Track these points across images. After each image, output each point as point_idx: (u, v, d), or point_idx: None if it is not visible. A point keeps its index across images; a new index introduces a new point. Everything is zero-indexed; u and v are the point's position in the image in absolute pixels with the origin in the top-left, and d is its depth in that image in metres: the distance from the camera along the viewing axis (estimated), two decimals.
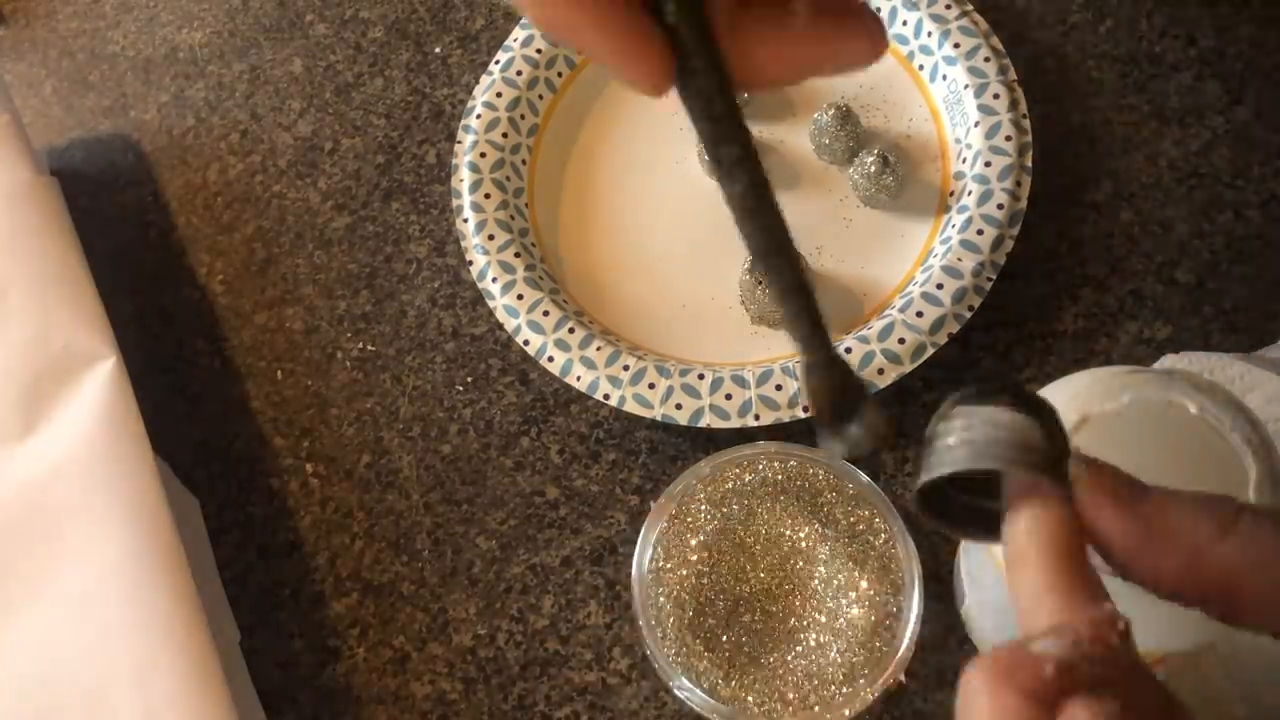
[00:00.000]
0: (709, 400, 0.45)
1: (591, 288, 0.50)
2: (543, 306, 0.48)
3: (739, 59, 0.21)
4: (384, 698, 0.45)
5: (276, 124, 0.58)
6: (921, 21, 0.52)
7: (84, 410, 0.45)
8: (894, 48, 0.53)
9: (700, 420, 0.45)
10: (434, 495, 0.48)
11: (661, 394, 0.45)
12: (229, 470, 0.50)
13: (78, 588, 0.43)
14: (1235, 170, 0.50)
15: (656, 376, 0.46)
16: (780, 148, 0.52)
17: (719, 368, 0.46)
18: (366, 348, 0.52)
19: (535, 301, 0.48)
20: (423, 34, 0.59)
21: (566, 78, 0.54)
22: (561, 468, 0.48)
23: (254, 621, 0.47)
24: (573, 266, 0.51)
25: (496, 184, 0.51)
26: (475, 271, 0.49)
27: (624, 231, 0.52)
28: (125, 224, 0.57)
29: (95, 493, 0.44)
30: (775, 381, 0.45)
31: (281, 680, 0.46)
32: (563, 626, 0.45)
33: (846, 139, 0.50)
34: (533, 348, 0.47)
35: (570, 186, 0.53)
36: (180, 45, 0.62)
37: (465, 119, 0.53)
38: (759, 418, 0.44)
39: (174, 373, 0.53)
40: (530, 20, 0.21)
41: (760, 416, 0.44)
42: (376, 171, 0.56)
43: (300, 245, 0.55)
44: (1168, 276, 0.48)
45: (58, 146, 0.60)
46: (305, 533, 0.48)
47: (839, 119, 0.50)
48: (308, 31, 0.61)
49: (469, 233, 0.50)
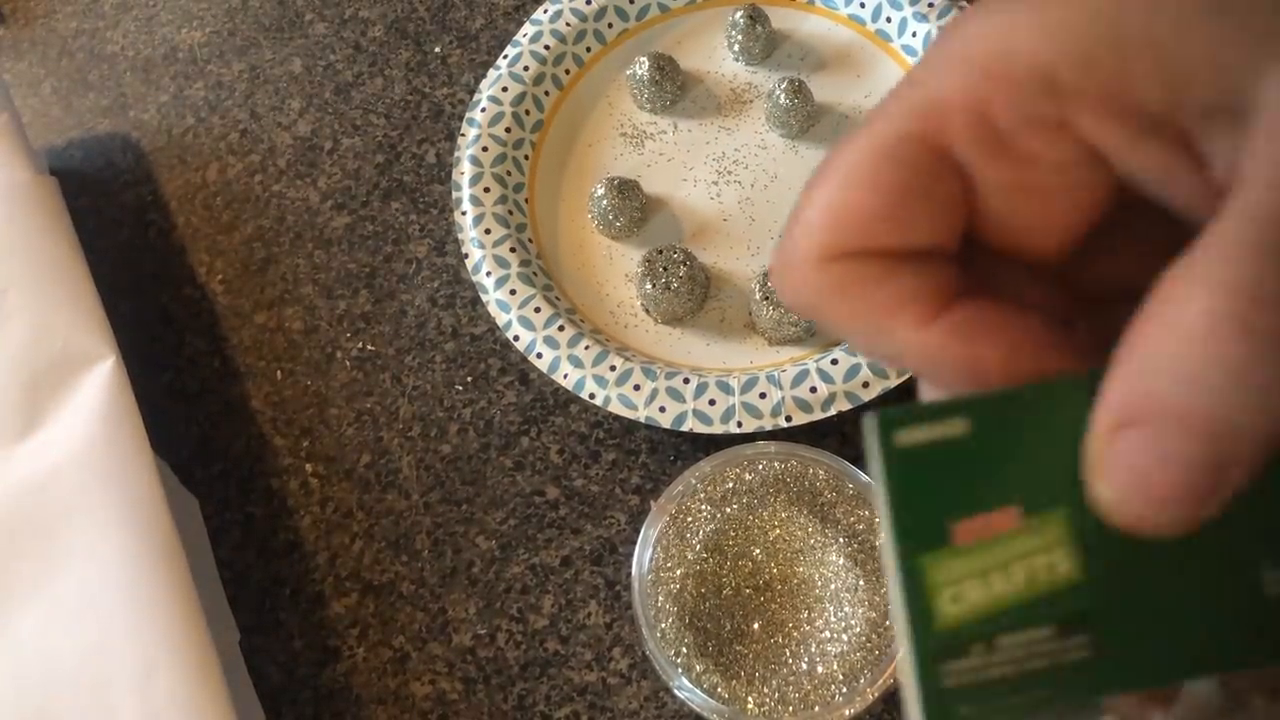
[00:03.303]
0: (692, 405, 0.45)
1: (586, 286, 0.50)
2: (534, 303, 0.48)
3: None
4: (384, 698, 0.45)
5: (276, 123, 0.58)
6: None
7: (83, 410, 0.45)
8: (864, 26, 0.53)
9: (684, 424, 0.45)
10: (434, 495, 0.48)
11: (646, 396, 0.45)
12: (228, 470, 0.50)
13: (77, 588, 0.43)
14: None
15: (642, 378, 0.45)
16: (736, 130, 0.53)
17: (705, 373, 0.46)
18: (366, 347, 0.52)
19: (527, 297, 0.48)
20: (422, 33, 0.59)
21: (574, 75, 0.54)
22: (561, 467, 0.48)
23: (253, 621, 0.47)
24: (569, 265, 0.51)
25: (497, 178, 0.51)
26: (470, 265, 0.49)
27: None
28: (125, 224, 0.57)
29: (94, 493, 0.44)
30: (760, 390, 0.45)
31: (281, 680, 0.46)
32: (563, 626, 0.45)
33: (801, 111, 0.52)
34: (522, 343, 0.47)
35: (571, 185, 0.53)
36: (180, 45, 0.62)
37: (470, 112, 0.53)
38: (741, 424, 0.44)
39: (173, 372, 0.53)
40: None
41: (743, 424, 0.44)
42: (376, 171, 0.56)
43: (300, 245, 0.55)
44: None
45: (57, 146, 0.60)
46: (305, 532, 0.48)
47: (792, 93, 0.51)
48: (307, 31, 0.61)
49: (466, 225, 0.50)
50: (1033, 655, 0.18)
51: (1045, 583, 0.18)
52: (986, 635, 0.18)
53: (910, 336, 0.18)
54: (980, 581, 0.18)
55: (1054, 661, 0.18)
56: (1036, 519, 0.18)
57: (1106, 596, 0.18)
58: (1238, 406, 0.15)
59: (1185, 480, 0.16)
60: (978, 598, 0.18)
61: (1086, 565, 0.18)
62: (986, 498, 0.18)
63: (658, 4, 0.56)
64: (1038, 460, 0.18)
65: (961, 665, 0.18)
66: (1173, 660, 0.18)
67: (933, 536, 0.18)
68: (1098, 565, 0.18)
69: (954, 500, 0.18)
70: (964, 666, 0.18)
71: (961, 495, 0.18)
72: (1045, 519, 0.18)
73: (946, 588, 0.18)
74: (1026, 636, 0.18)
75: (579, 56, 0.54)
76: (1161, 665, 0.18)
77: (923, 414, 0.18)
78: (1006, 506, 0.18)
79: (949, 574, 0.18)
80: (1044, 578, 0.18)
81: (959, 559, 0.18)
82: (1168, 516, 0.17)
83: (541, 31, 0.54)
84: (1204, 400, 0.15)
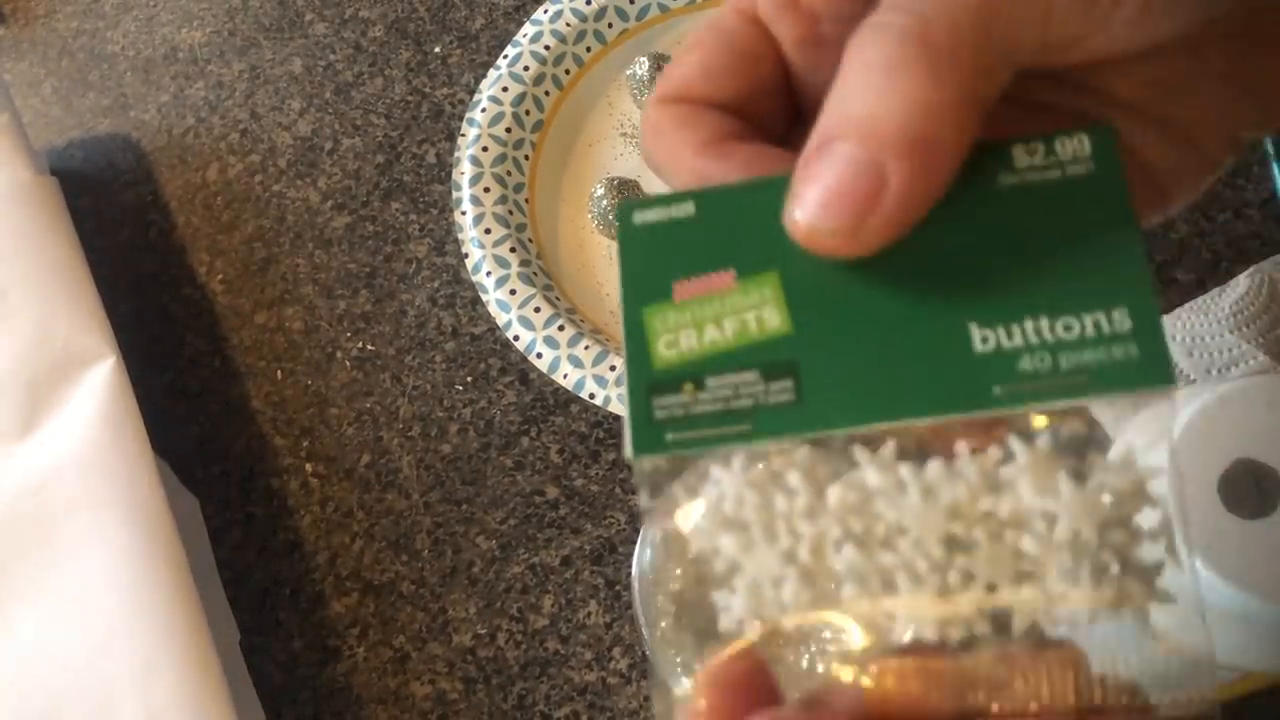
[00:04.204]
0: None
1: (586, 286, 0.50)
2: (534, 303, 0.48)
3: None
4: (384, 697, 0.45)
5: (276, 123, 0.58)
6: None
7: (84, 410, 0.45)
8: None
9: None
10: (434, 495, 0.48)
11: None
12: (229, 470, 0.50)
13: (78, 588, 0.43)
14: (1235, 169, 0.49)
15: None
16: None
17: None
18: (366, 347, 0.52)
19: (527, 297, 0.48)
20: (422, 33, 0.59)
21: (574, 75, 0.54)
22: (561, 467, 0.48)
23: (254, 621, 0.47)
24: (569, 265, 0.51)
25: (497, 178, 0.51)
26: (470, 265, 0.49)
27: None
28: (125, 224, 0.57)
29: (95, 492, 0.44)
30: None
31: (281, 680, 0.46)
32: (563, 626, 0.45)
33: None
34: (522, 343, 0.47)
35: (571, 185, 0.53)
36: (180, 45, 0.62)
37: (470, 112, 0.53)
38: None
39: (174, 372, 0.53)
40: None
41: None
42: (376, 171, 0.56)
43: (300, 245, 0.55)
44: (1168, 276, 0.48)
45: (57, 146, 0.60)
46: (305, 532, 0.48)
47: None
48: (307, 31, 0.61)
49: (466, 225, 0.50)
50: (739, 396, 0.20)
51: (755, 334, 0.21)
52: (696, 376, 0.20)
53: (689, 162, 0.22)
54: (695, 331, 0.21)
55: (757, 402, 0.20)
56: (751, 280, 0.21)
57: (811, 347, 0.20)
58: (920, 116, 0.18)
59: (869, 186, 0.19)
60: (691, 345, 0.21)
61: (794, 319, 0.20)
62: (706, 262, 0.21)
63: (658, 4, 0.56)
64: (754, 232, 0.21)
65: (672, 400, 0.20)
66: (870, 405, 0.20)
67: (656, 293, 0.21)
68: (805, 320, 0.20)
69: (677, 265, 0.21)
70: (674, 401, 0.20)
71: (683, 261, 0.21)
72: (758, 280, 0.21)
73: (664, 334, 0.21)
74: (734, 379, 0.20)
75: (579, 56, 0.54)
76: (859, 409, 0.20)
77: (657, 200, 0.22)
78: (724, 270, 0.21)
79: (666, 324, 0.21)
80: (754, 329, 0.21)
81: (676, 312, 0.21)
82: (849, 225, 0.19)
83: (541, 31, 0.54)
84: (890, 112, 0.18)
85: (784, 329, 0.21)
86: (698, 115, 0.22)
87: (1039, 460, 0.19)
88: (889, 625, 0.20)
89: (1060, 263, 0.20)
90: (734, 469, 0.21)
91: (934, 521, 0.19)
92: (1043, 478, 0.19)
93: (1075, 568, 0.19)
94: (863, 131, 0.19)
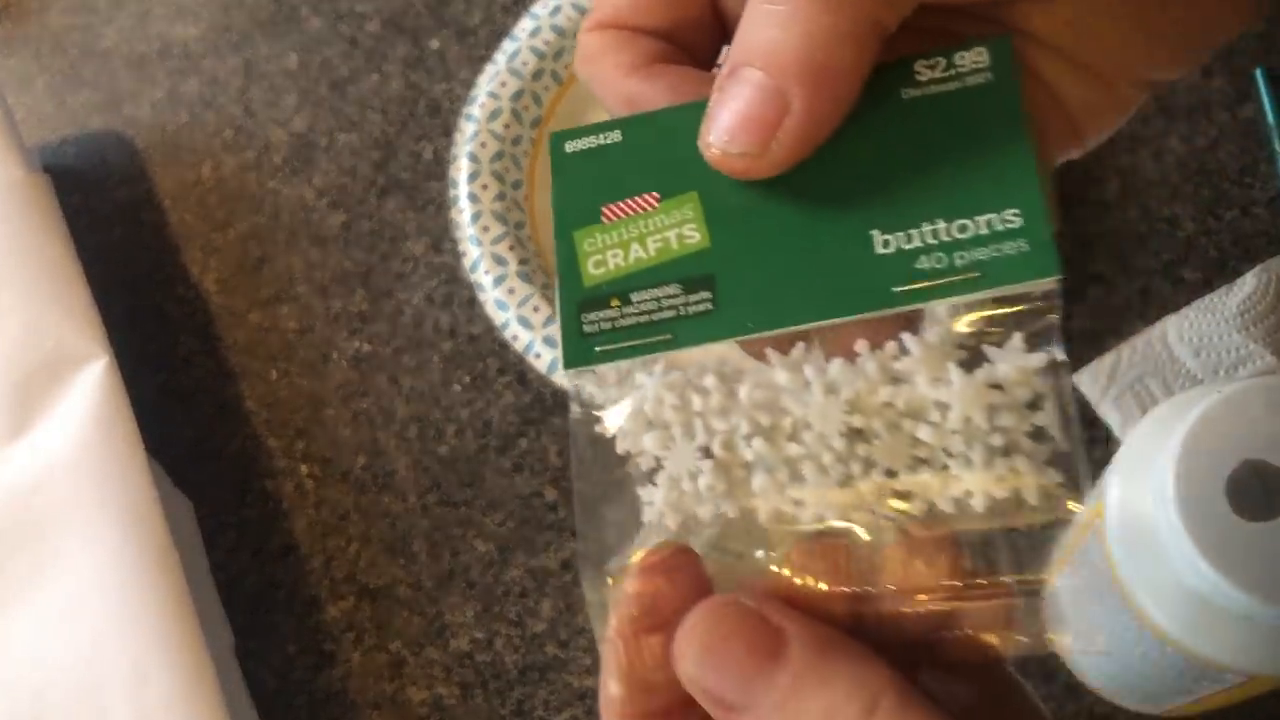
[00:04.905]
0: None
1: None
2: (533, 302, 0.47)
3: None
4: (380, 703, 0.44)
5: (271, 120, 0.58)
6: None
7: (75, 411, 0.45)
8: None
9: None
10: (431, 497, 0.48)
11: None
12: (223, 472, 0.50)
13: (69, 592, 0.43)
14: (1242, 167, 0.49)
15: None
16: None
17: None
18: (362, 347, 0.51)
19: (526, 296, 0.47)
20: (419, 28, 0.59)
21: (573, 70, 0.54)
22: (560, 469, 0.47)
23: (248, 625, 0.46)
24: None
25: (495, 175, 0.50)
26: (467, 264, 0.49)
27: None
28: (118, 222, 0.57)
29: (87, 495, 0.44)
30: None
31: (276, 685, 0.45)
32: (562, 630, 0.45)
33: None
34: (520, 343, 0.47)
35: None
36: (173, 40, 0.61)
37: (467, 108, 0.52)
38: None
39: (167, 373, 0.52)
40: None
41: None
42: (372, 168, 0.55)
43: (295, 243, 0.54)
44: (1174, 275, 0.47)
45: (50, 143, 0.59)
46: (300, 535, 0.48)
47: None
48: (302, 26, 0.60)
49: (464, 223, 0.49)
50: (661, 308, 0.22)
51: (676, 250, 0.22)
52: (623, 292, 0.22)
53: (619, 84, 0.23)
54: (621, 250, 0.23)
55: (679, 313, 0.22)
56: (673, 200, 0.23)
57: (728, 260, 0.22)
58: (819, 45, 0.20)
59: (773, 111, 0.20)
60: (618, 263, 0.23)
61: (712, 235, 0.22)
62: (631, 186, 0.23)
63: None
64: (676, 155, 0.22)
65: (600, 315, 0.22)
66: (781, 311, 0.21)
67: (585, 216, 0.23)
68: (722, 235, 0.22)
69: (604, 189, 0.23)
70: (602, 315, 0.22)
71: (611, 185, 0.23)
72: (680, 200, 0.22)
73: (592, 254, 0.23)
74: (657, 293, 0.22)
75: None
76: (771, 315, 0.21)
77: (586, 130, 0.23)
78: (649, 193, 0.23)
79: (594, 244, 0.23)
80: (675, 246, 0.22)
81: (604, 233, 0.23)
82: (756, 148, 0.20)
83: (540, 26, 0.53)
84: (791, 41, 0.20)
85: (703, 244, 0.22)
86: (628, 40, 0.23)
87: (931, 353, 0.21)
88: (798, 513, 0.21)
89: (958, 168, 0.21)
90: (655, 375, 0.22)
91: (836, 415, 0.21)
92: (935, 370, 0.21)
93: (967, 451, 0.20)
94: (766, 59, 0.20)
